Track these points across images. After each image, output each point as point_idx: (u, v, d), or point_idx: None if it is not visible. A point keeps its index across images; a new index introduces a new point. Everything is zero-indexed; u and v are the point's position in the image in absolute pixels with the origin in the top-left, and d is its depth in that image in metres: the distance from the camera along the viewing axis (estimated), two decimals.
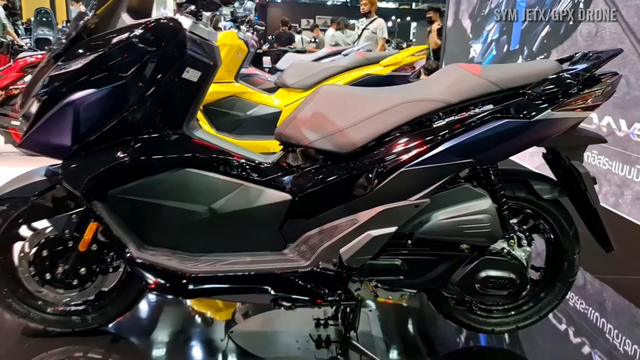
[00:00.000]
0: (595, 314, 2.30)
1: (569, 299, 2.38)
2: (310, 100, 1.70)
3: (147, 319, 2.11)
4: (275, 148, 2.89)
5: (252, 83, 4.30)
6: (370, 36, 6.52)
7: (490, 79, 1.62)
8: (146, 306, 2.16)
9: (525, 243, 1.80)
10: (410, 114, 1.62)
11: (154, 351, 1.89)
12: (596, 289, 2.57)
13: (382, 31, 6.51)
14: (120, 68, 1.56)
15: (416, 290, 1.76)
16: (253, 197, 1.69)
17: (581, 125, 1.67)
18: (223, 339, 1.92)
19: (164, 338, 1.97)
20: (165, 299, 2.18)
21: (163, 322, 2.09)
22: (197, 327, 2.07)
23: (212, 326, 2.07)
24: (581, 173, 1.72)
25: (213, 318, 2.12)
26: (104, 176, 1.62)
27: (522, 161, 4.31)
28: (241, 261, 1.70)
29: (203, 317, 2.14)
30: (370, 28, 6.54)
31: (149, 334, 1.98)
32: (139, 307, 2.05)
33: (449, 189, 1.67)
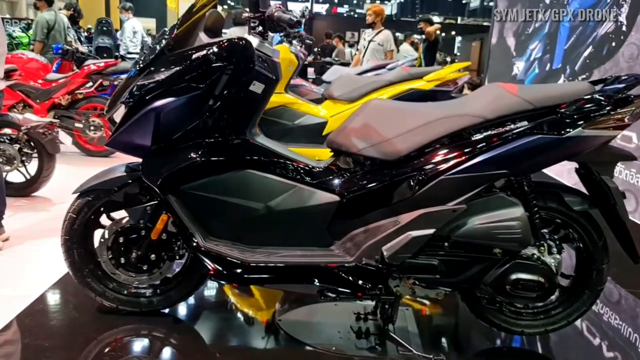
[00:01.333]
0: (627, 327, 2.38)
1: (602, 312, 2.47)
2: (360, 112, 1.89)
3: (204, 304, 2.34)
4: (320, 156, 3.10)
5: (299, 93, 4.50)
6: (376, 48, 6.34)
7: (526, 98, 1.77)
8: (204, 293, 2.39)
9: (556, 251, 1.93)
10: (451, 128, 1.79)
11: (211, 332, 2.11)
12: (628, 303, 2.65)
13: (389, 43, 6.31)
14: (197, 80, 1.79)
15: (451, 289, 1.92)
16: (305, 198, 1.89)
17: (619, 144, 1.79)
18: (272, 326, 2.12)
19: (219, 322, 2.19)
20: (221, 287, 2.40)
21: (219, 308, 2.31)
22: (249, 314, 2.28)
23: (263, 314, 2.27)
24: (611, 188, 1.85)
25: (264, 307, 2.33)
26: (178, 173, 1.85)
27: (561, 177, 4.38)
28: (292, 254, 1.90)
29: (255, 305, 2.34)
30: (376, 40, 6.35)
31: (206, 317, 2.20)
32: (197, 293, 2.27)
33: (484, 196, 1.82)
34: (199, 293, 2.32)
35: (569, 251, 2.07)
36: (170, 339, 2.02)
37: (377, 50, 6.34)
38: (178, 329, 2.09)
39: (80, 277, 2.06)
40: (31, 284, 2.37)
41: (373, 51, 6.37)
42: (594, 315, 2.39)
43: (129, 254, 1.99)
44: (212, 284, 2.40)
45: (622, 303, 2.65)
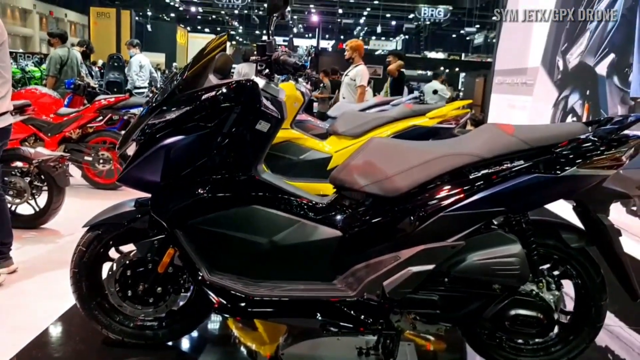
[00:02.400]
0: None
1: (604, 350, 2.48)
2: (362, 150, 1.96)
3: (209, 337, 2.37)
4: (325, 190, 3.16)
5: (305, 129, 4.58)
6: (349, 83, 6.32)
7: (522, 138, 1.83)
8: (209, 326, 2.42)
9: (554, 287, 1.97)
10: (450, 166, 1.85)
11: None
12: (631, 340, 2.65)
13: (361, 78, 6.22)
14: (206, 119, 1.87)
15: (451, 324, 1.95)
16: (309, 233, 1.94)
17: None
18: None
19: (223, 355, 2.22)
20: (225, 320, 2.44)
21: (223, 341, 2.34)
22: (252, 347, 2.30)
23: (266, 347, 2.30)
24: (606, 226, 1.89)
25: (267, 340, 2.35)
26: (185, 208, 1.91)
27: (562, 212, 4.39)
28: (295, 289, 1.94)
29: (258, 338, 2.37)
30: (349, 75, 6.33)
31: (210, 350, 2.23)
32: (202, 326, 2.30)
33: (483, 233, 1.87)
34: (204, 326, 2.36)
35: (568, 287, 2.10)
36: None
37: (350, 85, 6.34)
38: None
39: (88, 310, 2.11)
40: (39, 316, 2.42)
41: (347, 86, 6.38)
42: (596, 353, 2.39)
43: (136, 287, 2.04)
44: (216, 317, 2.43)
45: (624, 341, 2.65)
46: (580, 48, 4.81)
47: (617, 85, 4.05)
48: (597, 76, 4.37)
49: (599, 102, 4.27)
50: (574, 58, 4.89)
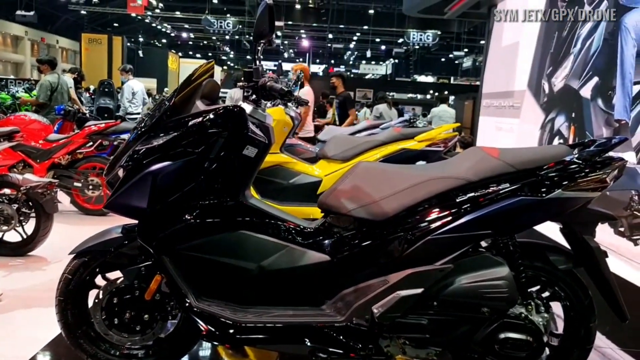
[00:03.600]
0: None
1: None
2: (350, 174, 1.97)
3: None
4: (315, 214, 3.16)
5: (294, 152, 4.60)
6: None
7: (507, 161, 1.85)
8: (198, 353, 2.38)
9: (543, 309, 1.97)
10: (436, 189, 1.86)
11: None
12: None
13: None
14: (193, 145, 1.88)
15: (441, 349, 1.93)
16: (297, 257, 1.94)
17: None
18: None
19: None
20: (214, 347, 2.40)
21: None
22: None
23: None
24: (593, 248, 1.90)
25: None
26: (172, 234, 1.90)
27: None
28: (284, 314, 1.92)
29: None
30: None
31: None
32: (190, 353, 2.26)
33: (471, 256, 1.88)
34: (194, 352, 2.32)
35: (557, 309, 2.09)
36: None
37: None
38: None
39: (73, 338, 2.07)
40: (24, 345, 2.38)
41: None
42: None
43: (123, 315, 2.01)
44: (205, 343, 2.40)
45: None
46: (564, 71, 4.89)
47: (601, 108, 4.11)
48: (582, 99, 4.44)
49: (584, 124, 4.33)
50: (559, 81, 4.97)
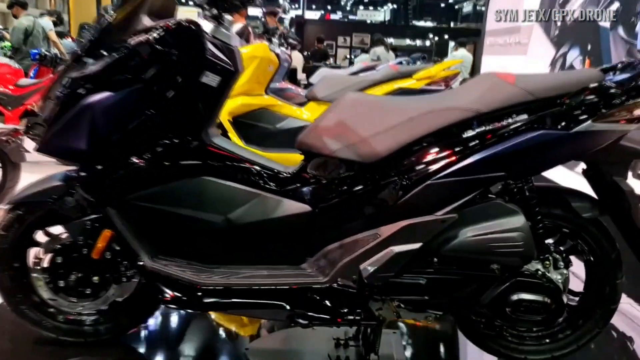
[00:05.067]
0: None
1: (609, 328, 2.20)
2: (334, 108, 1.63)
3: (159, 333, 2.05)
4: None
5: (284, 97, 4.26)
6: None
7: (526, 88, 1.51)
8: (160, 319, 2.10)
9: (562, 265, 1.67)
10: (438, 123, 1.53)
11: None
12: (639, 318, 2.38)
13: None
14: (138, 71, 1.53)
15: (442, 312, 1.65)
16: (271, 208, 1.63)
17: None
18: (239, 356, 1.84)
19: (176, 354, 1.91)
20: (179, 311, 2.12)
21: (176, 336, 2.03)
22: (211, 342, 2.00)
23: (228, 342, 2.00)
24: (625, 191, 1.59)
25: (229, 333, 2.05)
26: (119, 182, 1.58)
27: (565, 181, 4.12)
28: (257, 274, 1.63)
29: (218, 332, 2.06)
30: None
31: (162, 347, 1.92)
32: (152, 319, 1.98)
33: (478, 204, 1.56)
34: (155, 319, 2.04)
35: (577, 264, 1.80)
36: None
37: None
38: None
39: (14, 305, 1.78)
40: None
41: None
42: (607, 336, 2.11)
43: (69, 277, 1.71)
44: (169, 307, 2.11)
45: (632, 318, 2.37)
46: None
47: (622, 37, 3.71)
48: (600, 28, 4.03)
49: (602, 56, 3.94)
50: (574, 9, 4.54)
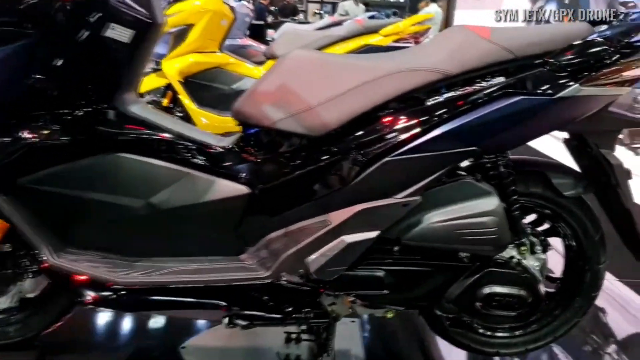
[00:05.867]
0: (617, 323, 2.01)
1: None
2: (276, 69, 1.36)
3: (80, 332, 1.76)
4: None
5: (245, 55, 3.95)
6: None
7: (503, 44, 1.26)
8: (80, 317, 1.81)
9: (540, 250, 1.47)
10: (399, 88, 1.27)
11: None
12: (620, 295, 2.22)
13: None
14: (25, 22, 1.21)
15: (403, 308, 1.43)
16: (202, 190, 1.36)
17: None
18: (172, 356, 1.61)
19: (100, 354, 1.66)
20: None
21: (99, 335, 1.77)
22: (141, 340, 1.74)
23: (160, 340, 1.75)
24: (613, 165, 1.37)
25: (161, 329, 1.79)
26: (8, 162, 1.28)
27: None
28: (186, 269, 1.37)
29: (149, 328, 1.79)
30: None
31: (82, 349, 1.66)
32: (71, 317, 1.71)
33: (446, 183, 1.33)
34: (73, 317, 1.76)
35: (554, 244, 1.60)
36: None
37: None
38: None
39: None
40: None
41: None
42: None
43: None
44: None
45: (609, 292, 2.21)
46: None
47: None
48: None
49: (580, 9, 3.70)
50: None
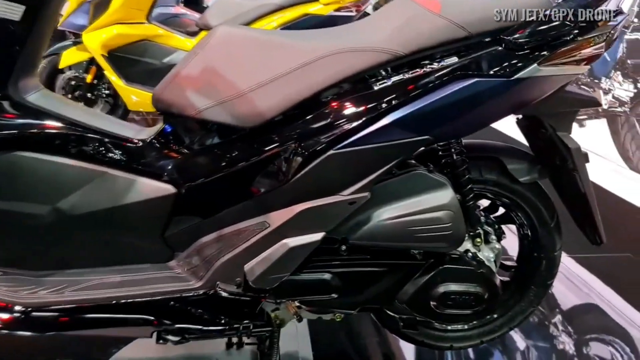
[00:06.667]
0: (563, 294, 2.01)
1: None
2: (200, 49, 1.17)
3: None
4: None
5: (180, 25, 3.65)
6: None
7: (455, 20, 1.12)
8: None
9: (495, 239, 1.38)
10: (342, 71, 1.12)
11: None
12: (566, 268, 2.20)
13: None
14: None
15: (353, 311, 1.31)
16: (119, 190, 1.18)
17: None
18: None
19: None
20: None
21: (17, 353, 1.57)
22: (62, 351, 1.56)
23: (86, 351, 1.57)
24: (571, 149, 1.29)
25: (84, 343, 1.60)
26: None
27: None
28: (105, 282, 1.20)
29: (71, 342, 1.61)
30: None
31: None
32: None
33: (396, 176, 1.20)
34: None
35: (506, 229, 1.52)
36: None
37: None
38: None
39: None
40: None
41: None
42: None
43: None
44: None
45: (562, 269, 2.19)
46: None
47: None
48: None
49: None
50: None
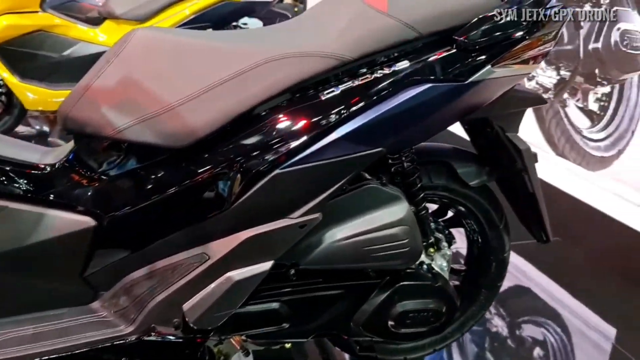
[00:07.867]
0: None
1: None
2: (114, 56, 0.99)
3: None
4: None
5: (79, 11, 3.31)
6: None
7: (404, 19, 1.03)
8: None
9: (446, 245, 1.33)
10: (284, 80, 0.99)
11: None
12: None
13: None
14: None
15: (305, 339, 1.21)
16: (26, 227, 0.99)
17: None
18: None
19: None
20: None
21: None
22: None
23: None
24: (521, 150, 1.24)
25: None
26: None
27: None
28: (14, 335, 1.01)
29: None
30: None
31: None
32: None
33: (347, 191, 1.10)
34: None
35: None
36: None
37: None
38: None
39: None
40: None
41: None
42: None
43: None
44: None
45: None
46: None
47: None
48: None
49: None
50: None
